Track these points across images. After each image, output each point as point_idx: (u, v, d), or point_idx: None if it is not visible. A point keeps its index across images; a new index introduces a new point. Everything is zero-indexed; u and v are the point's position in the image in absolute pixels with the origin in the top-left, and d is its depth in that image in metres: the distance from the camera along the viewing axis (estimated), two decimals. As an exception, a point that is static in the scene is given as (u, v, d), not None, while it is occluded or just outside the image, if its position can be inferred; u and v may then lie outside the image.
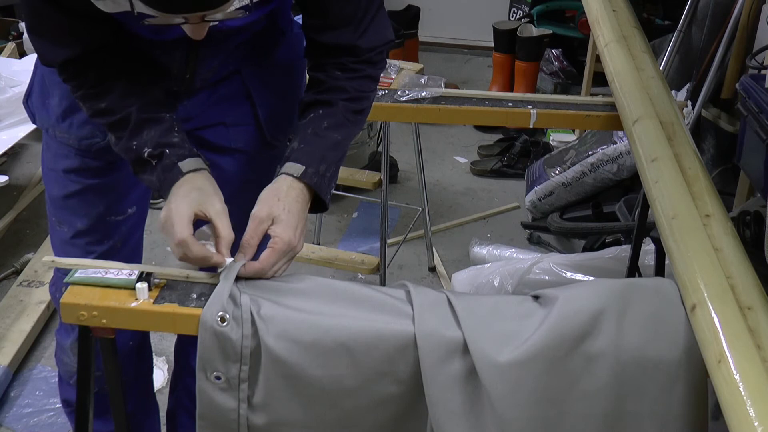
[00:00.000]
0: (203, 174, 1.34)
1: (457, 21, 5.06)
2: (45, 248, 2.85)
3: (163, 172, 1.32)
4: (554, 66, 4.26)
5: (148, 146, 1.33)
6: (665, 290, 1.27)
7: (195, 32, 1.22)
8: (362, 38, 1.41)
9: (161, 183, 1.32)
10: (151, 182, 1.35)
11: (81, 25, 1.31)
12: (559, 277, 2.56)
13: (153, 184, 1.34)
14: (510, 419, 1.21)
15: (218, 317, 1.21)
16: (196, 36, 1.22)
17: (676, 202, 1.45)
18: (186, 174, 1.31)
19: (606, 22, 2.29)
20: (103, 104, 1.36)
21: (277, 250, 1.29)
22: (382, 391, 1.25)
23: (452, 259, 3.03)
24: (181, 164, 1.32)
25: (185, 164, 1.32)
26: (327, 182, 1.37)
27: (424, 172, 2.89)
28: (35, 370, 2.42)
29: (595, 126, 2.27)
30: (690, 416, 1.23)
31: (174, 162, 1.32)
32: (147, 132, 1.34)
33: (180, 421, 1.87)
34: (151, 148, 1.33)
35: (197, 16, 1.16)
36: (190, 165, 1.33)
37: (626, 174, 3.07)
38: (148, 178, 1.35)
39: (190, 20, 1.17)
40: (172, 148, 1.33)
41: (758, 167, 1.93)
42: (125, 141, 1.35)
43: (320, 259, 2.60)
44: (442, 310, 1.26)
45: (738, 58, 2.81)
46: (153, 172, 1.33)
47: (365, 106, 1.46)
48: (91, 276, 1.31)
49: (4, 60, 3.34)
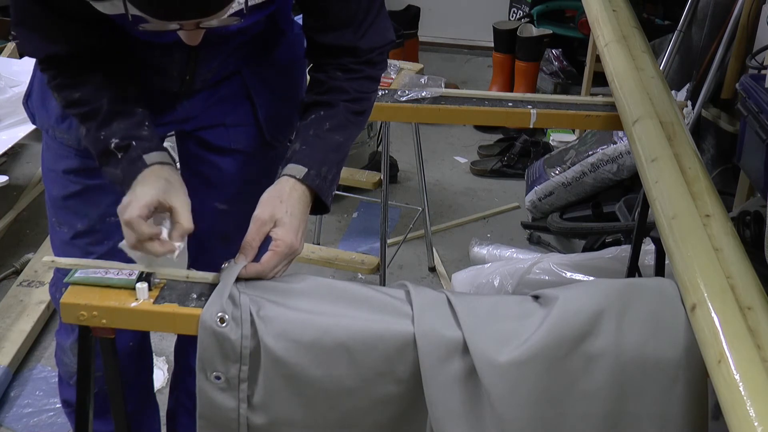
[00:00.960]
0: (169, 167, 1.32)
1: (457, 21, 5.06)
2: (45, 248, 2.85)
3: (127, 164, 1.31)
4: (554, 66, 4.26)
5: (115, 137, 1.32)
6: (665, 290, 1.27)
7: (190, 38, 1.21)
8: (363, 39, 1.41)
9: (124, 175, 1.31)
10: (115, 175, 1.33)
11: (71, 27, 1.31)
12: (559, 277, 2.56)
13: (116, 176, 1.33)
14: (510, 419, 1.21)
15: (217, 317, 1.21)
16: (191, 42, 1.22)
17: (676, 202, 1.45)
18: (150, 166, 1.30)
19: (606, 22, 2.29)
20: (77, 94, 1.35)
21: (279, 252, 1.29)
22: (382, 391, 1.25)
23: (452, 259, 3.03)
24: (145, 156, 1.31)
25: (150, 157, 1.31)
26: (328, 184, 1.37)
27: (424, 172, 2.89)
28: (35, 370, 2.42)
29: (595, 126, 2.27)
30: (690, 416, 1.23)
31: (139, 154, 1.31)
32: (116, 124, 1.33)
33: (180, 421, 1.87)
34: (119, 139, 1.32)
35: (192, 23, 1.15)
36: (154, 158, 1.31)
37: (626, 174, 3.07)
38: (113, 171, 1.33)
39: (185, 27, 1.17)
40: (140, 140, 1.32)
41: (758, 167, 1.93)
42: (94, 131, 1.34)
43: (320, 259, 2.60)
44: (441, 310, 1.26)
45: (738, 58, 2.81)
46: (118, 164, 1.32)
47: (366, 107, 1.46)
48: (91, 276, 1.31)
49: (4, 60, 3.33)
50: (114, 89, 1.36)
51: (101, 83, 1.35)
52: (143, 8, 1.10)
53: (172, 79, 1.46)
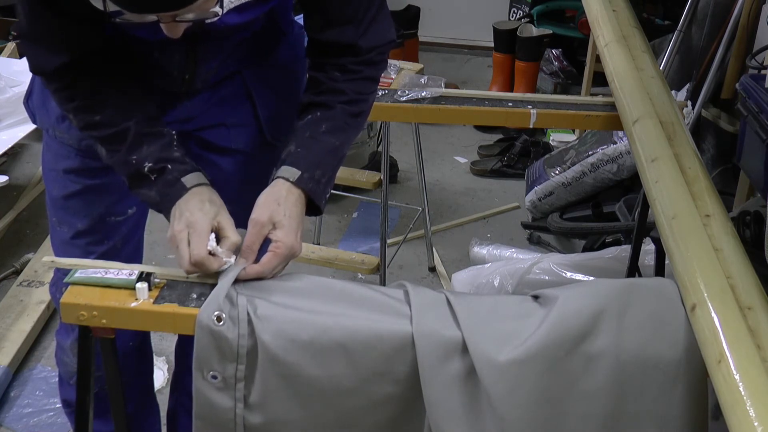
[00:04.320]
0: (208, 188, 1.34)
1: (457, 21, 5.06)
2: (45, 248, 2.85)
3: (164, 187, 1.32)
4: (554, 66, 4.26)
5: (148, 161, 1.33)
6: (665, 290, 1.27)
7: (169, 31, 1.22)
8: (363, 37, 1.41)
9: (162, 198, 1.32)
10: (150, 197, 1.34)
11: (74, 29, 1.31)
12: (559, 277, 2.56)
13: (152, 198, 1.34)
14: (509, 419, 1.21)
15: (215, 317, 1.21)
16: (172, 35, 1.22)
17: (676, 202, 1.45)
18: (190, 189, 1.32)
19: (606, 22, 2.29)
20: (97, 117, 1.35)
21: (279, 254, 1.30)
22: (380, 391, 1.25)
23: (452, 259, 3.03)
24: (184, 179, 1.32)
25: (188, 179, 1.33)
26: (322, 188, 1.38)
27: (424, 172, 2.89)
28: (35, 370, 2.42)
29: (595, 126, 2.27)
30: (690, 416, 1.23)
31: (177, 177, 1.32)
32: (147, 147, 1.34)
33: (180, 422, 1.87)
34: (152, 162, 1.33)
35: (168, 16, 1.16)
36: (193, 180, 1.33)
37: (626, 174, 3.06)
38: (146, 192, 1.34)
39: (162, 19, 1.17)
40: (174, 163, 1.34)
41: (758, 167, 1.93)
42: (123, 155, 1.34)
43: (320, 259, 2.60)
44: (440, 310, 1.26)
45: (738, 58, 2.81)
46: (152, 187, 1.33)
47: (364, 108, 1.46)
48: (91, 276, 1.31)
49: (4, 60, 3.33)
50: (136, 109, 1.36)
51: (122, 104, 1.36)
52: (117, 1, 1.11)
53: (172, 79, 1.46)
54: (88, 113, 1.36)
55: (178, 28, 1.21)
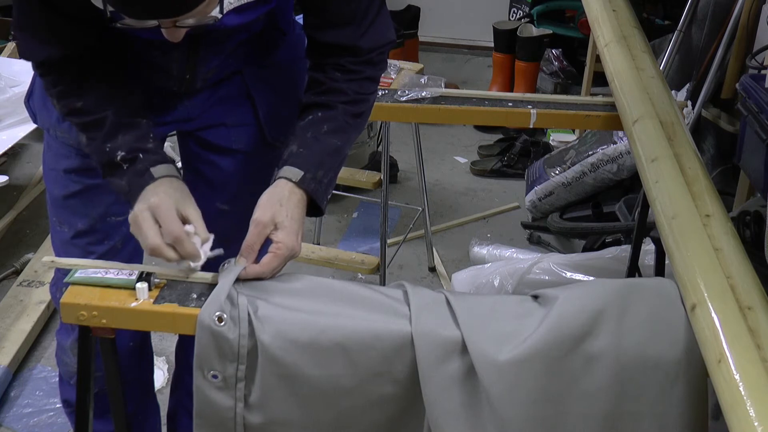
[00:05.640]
0: (177, 180, 1.34)
1: (457, 21, 5.06)
2: (45, 248, 2.85)
3: (134, 176, 1.32)
4: (554, 66, 4.26)
5: (122, 150, 1.33)
6: (665, 290, 1.27)
7: (170, 35, 1.22)
8: (363, 38, 1.41)
9: (131, 187, 1.32)
10: (120, 186, 1.34)
11: (67, 26, 1.31)
12: (559, 277, 2.56)
13: (122, 188, 1.34)
14: (509, 419, 1.21)
15: (215, 317, 1.22)
16: (172, 39, 1.23)
17: (676, 202, 1.45)
18: (158, 179, 1.31)
19: (606, 22, 2.29)
20: (79, 103, 1.35)
21: (279, 255, 1.30)
22: (379, 391, 1.25)
23: (452, 259, 3.03)
24: (153, 169, 1.32)
25: (157, 170, 1.32)
26: (324, 188, 1.37)
27: (424, 172, 2.89)
28: (35, 370, 2.42)
29: (595, 126, 2.27)
30: (690, 416, 1.23)
31: (146, 167, 1.32)
32: (122, 136, 1.34)
33: (181, 422, 1.87)
34: (125, 152, 1.33)
35: (168, 21, 1.16)
36: (162, 171, 1.33)
37: (626, 174, 3.06)
38: (117, 182, 1.34)
39: (163, 24, 1.17)
40: (146, 153, 1.33)
41: (758, 167, 1.93)
42: (99, 142, 1.35)
43: (320, 259, 2.60)
44: (439, 310, 1.26)
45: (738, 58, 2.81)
46: (123, 176, 1.33)
47: (365, 108, 1.46)
48: (91, 276, 1.31)
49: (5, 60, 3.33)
50: (118, 99, 1.36)
51: (104, 92, 1.36)
52: (117, 7, 1.11)
53: (172, 78, 1.46)
54: (71, 98, 1.36)
55: (179, 32, 1.21)
